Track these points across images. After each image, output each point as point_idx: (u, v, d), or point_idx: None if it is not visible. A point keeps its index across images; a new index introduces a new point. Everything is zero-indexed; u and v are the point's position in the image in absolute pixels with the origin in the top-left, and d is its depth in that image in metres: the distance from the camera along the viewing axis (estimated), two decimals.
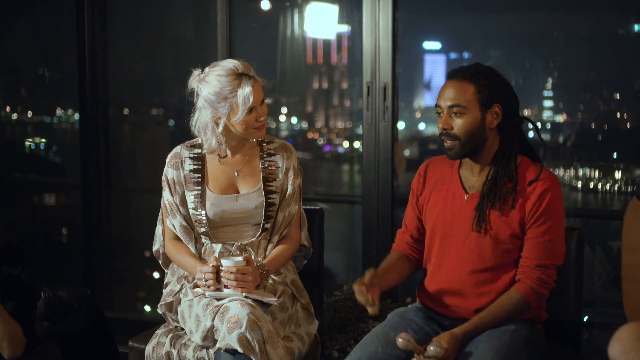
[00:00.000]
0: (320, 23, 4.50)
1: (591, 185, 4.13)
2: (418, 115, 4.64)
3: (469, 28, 4.34)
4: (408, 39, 4.11)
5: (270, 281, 2.82)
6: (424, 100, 4.68)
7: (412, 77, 4.54)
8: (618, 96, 4.07)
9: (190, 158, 2.92)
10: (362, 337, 2.62)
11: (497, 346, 2.42)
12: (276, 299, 2.72)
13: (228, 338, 2.52)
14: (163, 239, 2.98)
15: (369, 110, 3.90)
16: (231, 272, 2.64)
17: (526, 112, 4.10)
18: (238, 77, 2.75)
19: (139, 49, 4.90)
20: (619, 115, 4.06)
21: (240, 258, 2.68)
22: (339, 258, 4.50)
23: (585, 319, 3.82)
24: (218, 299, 2.68)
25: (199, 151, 2.92)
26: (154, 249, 3.03)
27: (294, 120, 4.87)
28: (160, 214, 3.00)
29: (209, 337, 2.64)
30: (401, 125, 4.19)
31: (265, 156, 2.93)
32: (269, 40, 4.63)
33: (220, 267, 2.68)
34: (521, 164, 2.58)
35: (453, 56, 4.62)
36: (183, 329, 2.85)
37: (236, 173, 2.90)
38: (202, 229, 2.86)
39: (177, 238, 2.92)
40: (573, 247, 2.73)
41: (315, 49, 4.64)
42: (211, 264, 2.69)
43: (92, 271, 4.77)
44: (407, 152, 4.44)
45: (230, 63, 2.78)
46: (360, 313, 3.50)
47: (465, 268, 2.59)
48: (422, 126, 4.70)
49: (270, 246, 2.89)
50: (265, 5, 4.60)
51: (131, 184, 4.96)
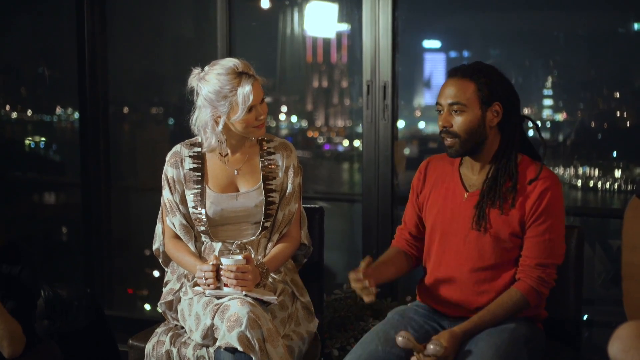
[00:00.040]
0: (320, 22, 4.50)
1: (591, 183, 4.13)
2: (418, 113, 4.64)
3: (469, 27, 4.34)
4: (408, 38, 4.11)
5: (270, 280, 2.82)
6: (424, 98, 4.68)
7: (412, 76, 4.53)
8: (618, 95, 4.07)
9: (190, 156, 2.91)
10: (362, 336, 2.62)
11: (497, 344, 2.42)
12: (276, 298, 2.72)
13: (228, 336, 2.52)
14: (163, 238, 2.98)
15: (369, 108, 3.90)
16: (231, 271, 2.64)
17: (526, 111, 4.09)
18: (238, 76, 2.75)
19: (139, 48, 4.90)
20: (619, 113, 4.06)
21: (240, 256, 2.68)
22: (339, 257, 4.50)
23: (585, 318, 3.82)
24: (218, 298, 2.68)
25: (199, 150, 2.92)
26: (154, 248, 3.03)
27: (294, 118, 4.87)
28: (160, 213, 3.00)
29: (209, 336, 2.64)
30: (401, 123, 4.18)
31: (265, 155, 2.93)
32: (269, 38, 4.63)
33: (220, 266, 2.68)
34: (521, 163, 2.58)
35: (453, 55, 4.61)
36: (183, 328, 2.85)
37: (236, 172, 2.90)
38: (202, 228, 2.86)
39: (177, 237, 2.92)
40: (573, 246, 2.73)
41: (315, 48, 4.64)
42: (211, 263, 2.69)
43: (92, 270, 4.77)
44: (407, 151, 4.44)
45: (230, 62, 2.78)
46: (360, 311, 3.50)
47: (465, 266, 2.59)
48: (422, 125, 4.69)
49: (270, 245, 2.89)
50: (265, 3, 4.59)
51: (131, 183, 4.96)
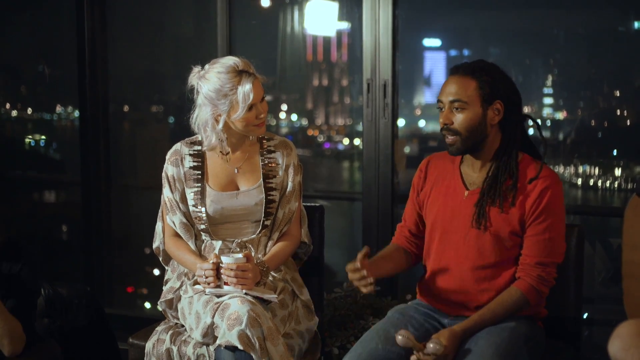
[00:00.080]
0: (320, 20, 4.49)
1: (591, 182, 4.13)
2: (418, 112, 4.64)
3: (469, 25, 4.33)
4: (408, 36, 4.11)
5: (270, 278, 2.82)
6: (424, 97, 4.68)
7: (412, 74, 4.53)
8: (618, 93, 4.07)
9: (190, 155, 2.91)
10: (362, 334, 2.62)
11: (497, 343, 2.42)
12: (276, 296, 2.72)
13: (228, 335, 2.52)
14: (163, 236, 2.98)
15: (369, 107, 3.90)
16: (231, 269, 2.64)
17: (526, 110, 4.09)
18: (238, 75, 2.75)
19: (139, 46, 4.90)
20: (619, 112, 4.06)
21: (240, 255, 2.68)
22: (339, 255, 4.49)
23: (585, 316, 3.82)
24: (218, 296, 2.68)
25: (199, 148, 2.92)
26: (154, 246, 3.03)
27: (294, 117, 4.87)
28: (160, 211, 3.00)
29: (209, 334, 2.64)
30: (401, 122, 4.18)
31: (265, 153, 2.93)
32: (269, 37, 4.63)
33: (220, 264, 2.68)
34: (522, 161, 2.58)
35: (453, 53, 4.61)
36: (183, 326, 2.85)
37: (236, 170, 2.90)
38: (202, 226, 2.86)
39: (177, 235, 2.92)
40: (573, 245, 2.73)
41: (315, 46, 4.64)
42: (211, 261, 2.69)
43: (92, 268, 4.77)
44: (407, 149, 4.44)
45: (230, 60, 2.78)
46: (360, 310, 3.50)
47: (465, 265, 2.59)
48: (422, 123, 4.69)
49: (270, 243, 2.89)
50: (265, 2, 4.59)
51: (131, 181, 4.96)
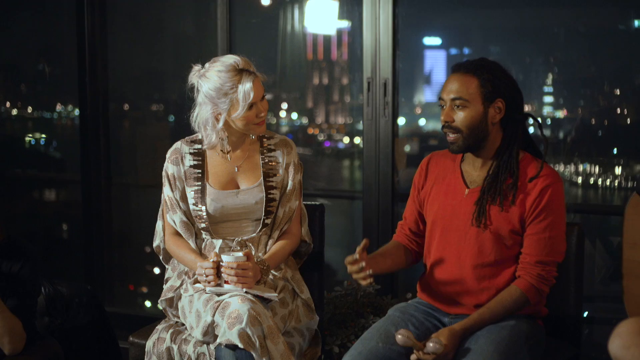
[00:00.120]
0: (320, 19, 4.49)
1: (591, 180, 4.12)
2: (418, 110, 4.63)
3: (469, 24, 4.33)
4: (408, 35, 4.10)
5: (270, 277, 2.83)
6: (425, 96, 4.67)
7: (413, 73, 4.52)
8: (618, 92, 4.06)
9: (190, 154, 2.91)
10: (363, 333, 2.63)
11: (497, 341, 2.43)
12: (276, 295, 2.72)
13: (229, 333, 2.52)
14: (163, 235, 2.98)
15: (369, 106, 3.90)
16: (232, 268, 2.65)
17: (526, 108, 4.09)
18: (238, 73, 2.75)
19: (139, 45, 4.89)
20: (619, 110, 4.05)
21: (240, 253, 2.68)
22: (340, 254, 4.49)
23: (585, 315, 3.82)
24: (218, 295, 2.68)
25: (199, 147, 2.92)
26: (155, 245, 3.03)
27: (294, 116, 4.86)
28: (160, 210, 3.00)
29: (210, 333, 2.64)
30: (401, 121, 4.18)
31: (265, 152, 2.93)
32: (269, 35, 4.62)
33: (220, 263, 2.68)
34: (523, 160, 2.58)
35: (453, 52, 4.60)
36: (184, 325, 2.85)
37: (236, 169, 2.90)
38: (203, 225, 2.86)
39: (178, 234, 2.92)
40: (573, 243, 2.73)
41: (315, 45, 4.63)
42: (211, 260, 2.69)
43: (93, 266, 4.77)
44: (408, 148, 4.43)
45: (230, 59, 2.78)
46: (360, 308, 3.50)
47: (465, 263, 2.59)
48: (423, 122, 4.68)
49: (270, 242, 2.89)
50: (265, 0, 4.59)
51: (131, 180, 4.96)
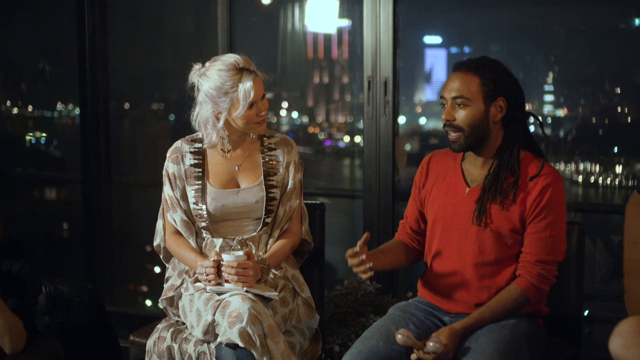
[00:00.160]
0: (320, 17, 4.48)
1: (592, 179, 4.12)
2: (419, 109, 4.63)
3: (470, 22, 4.32)
4: (409, 34, 4.10)
5: (271, 276, 2.83)
6: (425, 94, 4.67)
7: (413, 72, 4.52)
8: (619, 90, 4.06)
9: (190, 152, 2.91)
10: (363, 332, 2.62)
11: (498, 340, 2.43)
12: (277, 294, 2.72)
13: (229, 332, 2.52)
14: (164, 234, 2.98)
15: (370, 104, 3.90)
16: (232, 267, 2.65)
17: (527, 107, 4.08)
18: (239, 72, 2.74)
19: (140, 44, 4.89)
20: (620, 109, 4.05)
21: (241, 252, 2.68)
22: (340, 252, 4.49)
23: (585, 313, 3.82)
24: (219, 294, 2.68)
25: (200, 145, 2.92)
26: (155, 244, 3.03)
27: (295, 114, 4.86)
28: (161, 209, 3.00)
29: (210, 332, 2.64)
30: (402, 119, 4.18)
31: (266, 151, 2.93)
32: (270, 34, 4.61)
33: (221, 262, 2.68)
34: (524, 159, 2.58)
35: (454, 50, 4.60)
36: (184, 324, 2.85)
37: (237, 167, 2.90)
38: (203, 224, 2.86)
39: (178, 232, 2.92)
40: (574, 242, 2.73)
41: (316, 44, 4.63)
42: (212, 259, 2.69)
43: (93, 265, 4.77)
44: (408, 147, 4.43)
45: (231, 57, 2.78)
46: (361, 307, 3.50)
47: (466, 262, 2.59)
48: (423, 120, 4.68)
49: (271, 241, 2.89)
50: None
51: (132, 179, 4.96)
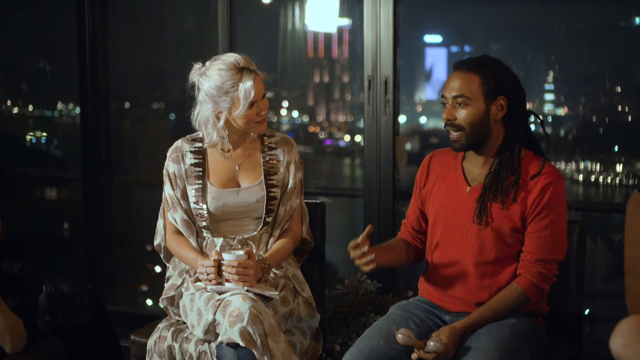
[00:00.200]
0: (321, 16, 4.48)
1: (592, 178, 4.12)
2: (419, 108, 4.62)
3: (470, 21, 4.32)
4: (409, 33, 4.09)
5: (271, 275, 2.83)
6: (425, 93, 4.66)
7: (413, 71, 4.52)
8: (619, 89, 4.05)
9: (191, 152, 2.91)
10: (364, 331, 2.63)
11: (498, 339, 2.43)
12: (278, 293, 2.72)
13: (230, 332, 2.52)
14: (164, 233, 2.98)
15: (370, 103, 3.90)
16: (233, 266, 2.65)
17: (527, 105, 4.08)
18: (239, 71, 2.74)
19: (140, 43, 4.89)
20: (621, 108, 4.05)
21: (241, 252, 2.68)
22: (341, 252, 4.48)
23: (586, 312, 3.82)
24: (220, 293, 2.68)
25: (200, 145, 2.92)
26: (156, 243, 3.03)
27: (295, 114, 4.86)
28: (161, 208, 3.00)
29: (211, 331, 2.64)
30: (402, 118, 4.18)
31: (266, 150, 2.93)
32: (270, 33, 4.61)
33: (221, 261, 2.68)
34: (525, 158, 2.58)
35: (454, 49, 4.60)
36: (185, 323, 2.85)
37: (237, 167, 2.90)
38: (204, 223, 2.86)
39: (179, 232, 2.92)
40: (574, 241, 2.73)
41: (316, 43, 4.62)
42: (213, 258, 2.69)
43: (94, 265, 4.77)
44: (409, 146, 4.43)
45: (231, 57, 2.78)
46: (361, 307, 3.50)
47: (467, 261, 2.59)
48: (424, 120, 4.68)
49: (271, 240, 2.89)
50: None
51: (132, 178, 4.96)
